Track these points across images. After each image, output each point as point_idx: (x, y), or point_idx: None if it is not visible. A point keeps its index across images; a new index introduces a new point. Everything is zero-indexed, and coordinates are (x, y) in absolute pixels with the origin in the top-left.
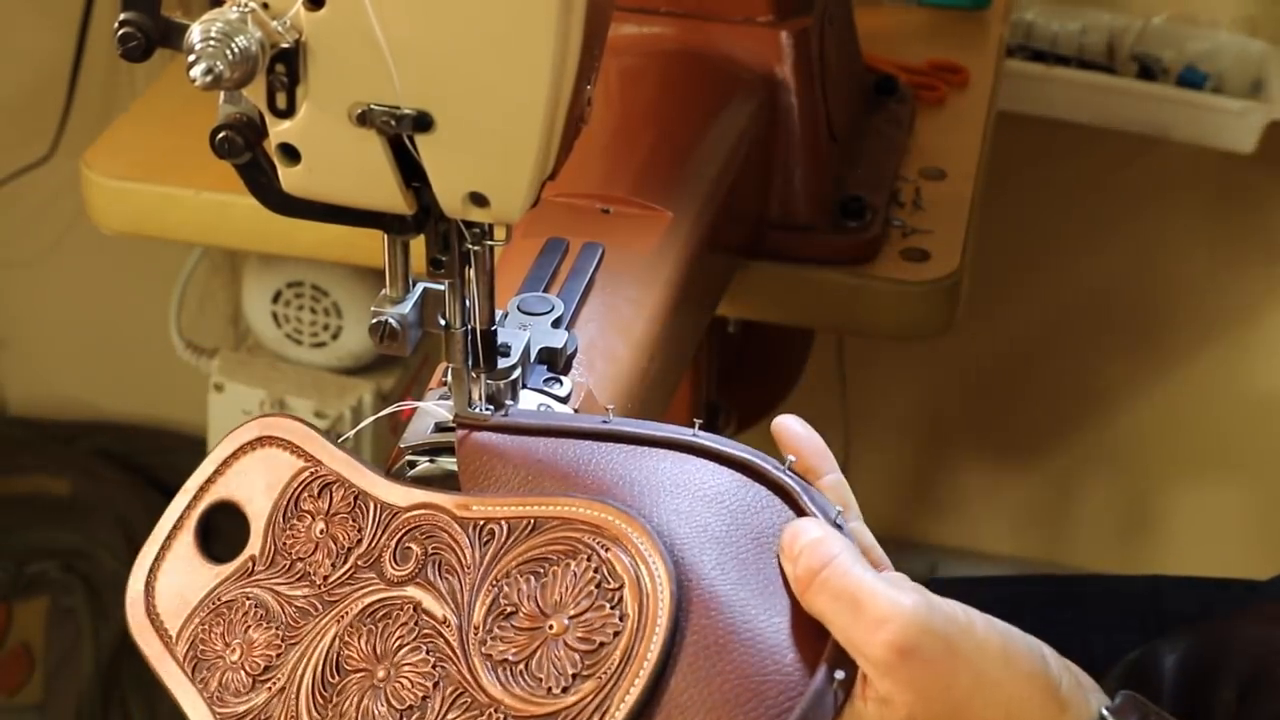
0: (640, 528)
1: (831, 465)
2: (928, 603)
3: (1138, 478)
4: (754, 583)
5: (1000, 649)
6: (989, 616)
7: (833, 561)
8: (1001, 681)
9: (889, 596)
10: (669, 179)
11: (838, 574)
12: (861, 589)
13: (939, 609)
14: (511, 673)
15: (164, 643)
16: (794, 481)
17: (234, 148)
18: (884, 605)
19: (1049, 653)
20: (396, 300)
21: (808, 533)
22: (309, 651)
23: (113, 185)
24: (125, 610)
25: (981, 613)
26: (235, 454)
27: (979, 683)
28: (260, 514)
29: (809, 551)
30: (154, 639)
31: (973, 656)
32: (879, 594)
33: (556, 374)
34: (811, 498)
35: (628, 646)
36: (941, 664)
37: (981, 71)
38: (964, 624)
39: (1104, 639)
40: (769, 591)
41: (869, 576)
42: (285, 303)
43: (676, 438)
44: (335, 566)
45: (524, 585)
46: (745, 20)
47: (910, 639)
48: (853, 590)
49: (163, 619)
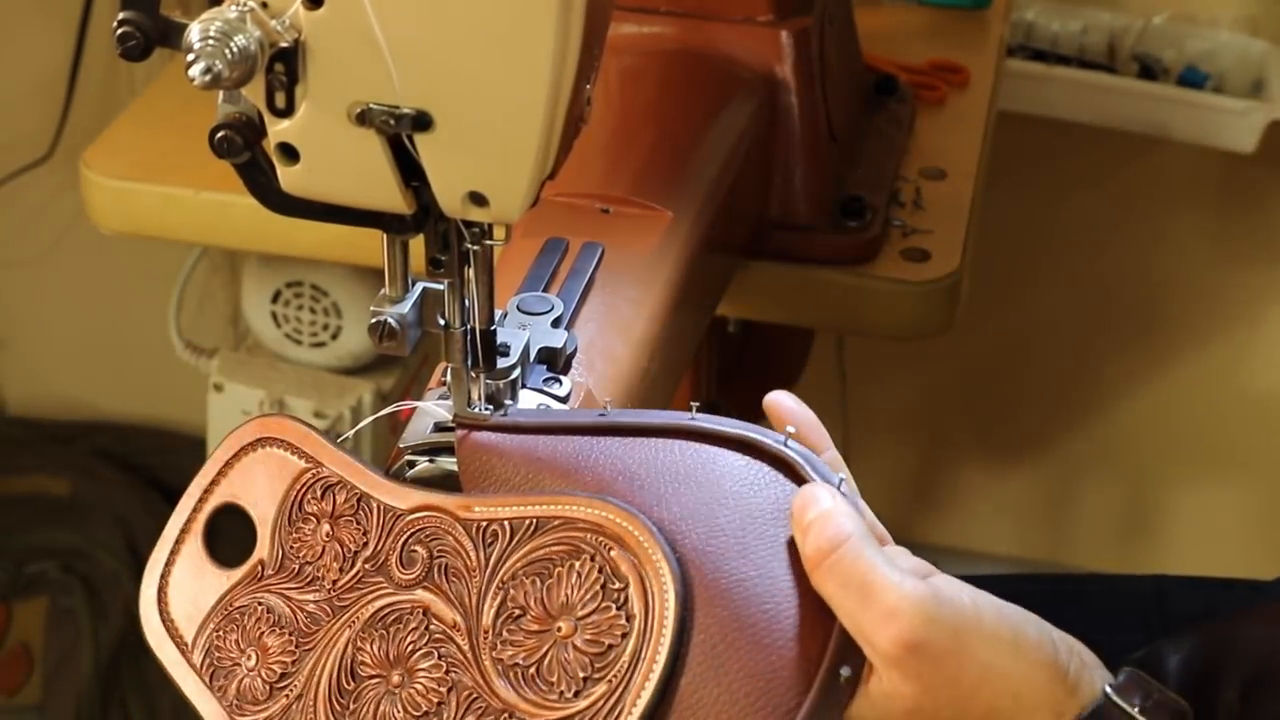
0: (641, 525)
1: (827, 442)
2: (935, 594)
3: (1138, 478)
4: (759, 566)
5: (1010, 639)
6: (999, 603)
7: (844, 544)
8: (1010, 671)
9: (898, 588)
10: (669, 179)
11: (849, 558)
12: (871, 577)
13: (947, 600)
14: (523, 677)
15: (181, 651)
16: (795, 453)
17: (233, 147)
18: (893, 597)
19: (1057, 636)
20: (396, 300)
21: (820, 502)
22: (324, 658)
23: (112, 185)
24: (136, 615)
25: (992, 598)
26: (236, 455)
27: (987, 673)
28: (265, 517)
29: (819, 526)
30: (171, 647)
31: (980, 647)
32: (889, 584)
33: (556, 374)
34: (814, 467)
35: (636, 648)
36: (949, 657)
37: (982, 71)
38: (972, 615)
39: (1107, 639)
40: (774, 574)
41: (879, 563)
42: (285, 303)
43: (675, 423)
44: (343, 571)
45: (530, 587)
46: (745, 20)
47: (918, 633)
48: (861, 577)
49: (178, 626)
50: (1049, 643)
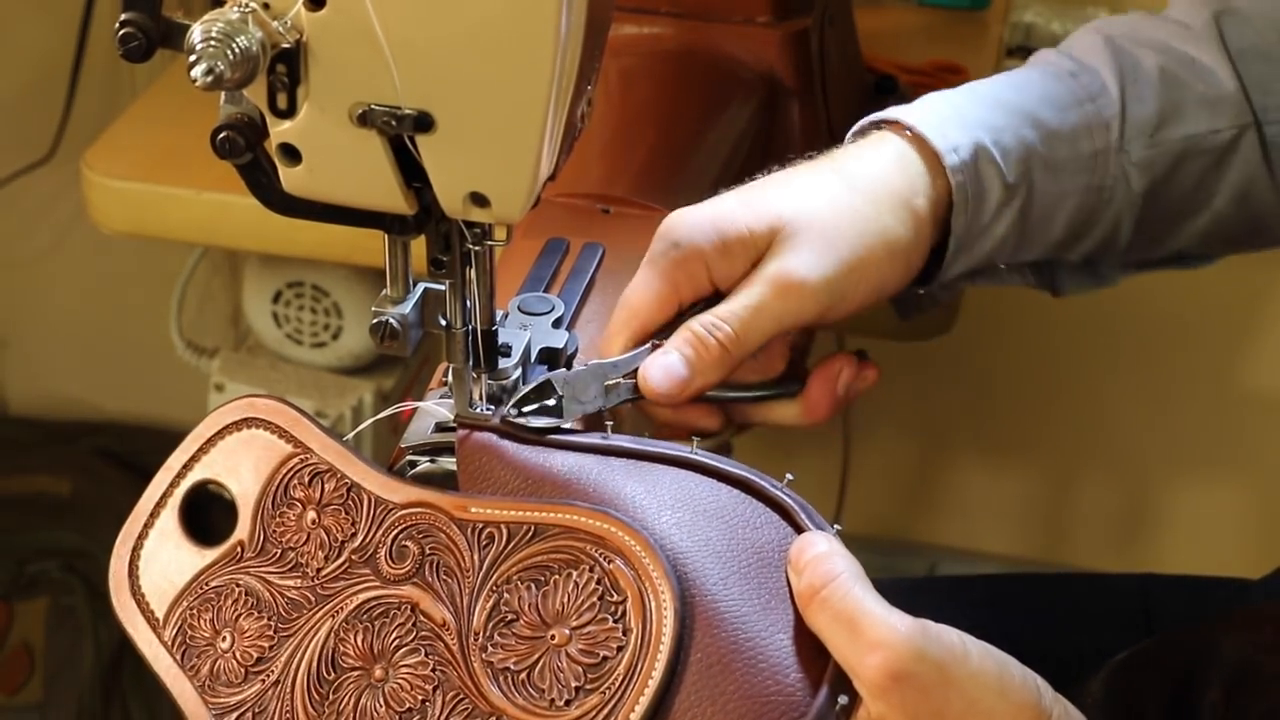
0: (643, 541)
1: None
2: (923, 629)
3: (1136, 478)
4: (756, 598)
5: (996, 679)
6: (987, 645)
7: (834, 581)
8: (994, 709)
9: (886, 621)
10: (669, 179)
11: (838, 594)
12: (859, 611)
13: (935, 637)
14: (513, 681)
15: (151, 626)
16: (792, 499)
17: (235, 148)
18: (880, 630)
19: (1043, 685)
20: (397, 300)
21: (815, 546)
22: (304, 645)
23: (113, 185)
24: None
25: (979, 642)
26: (220, 433)
27: (971, 710)
28: (247, 498)
29: (813, 566)
30: (141, 621)
31: (966, 684)
32: (876, 618)
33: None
34: (809, 515)
35: (631, 662)
36: (934, 690)
37: (981, 71)
38: (959, 652)
39: (1092, 638)
40: (771, 607)
41: (868, 599)
42: (285, 303)
43: (675, 454)
44: (329, 559)
45: (524, 593)
46: (745, 20)
47: (904, 665)
48: (851, 612)
49: (149, 601)
50: (1033, 686)
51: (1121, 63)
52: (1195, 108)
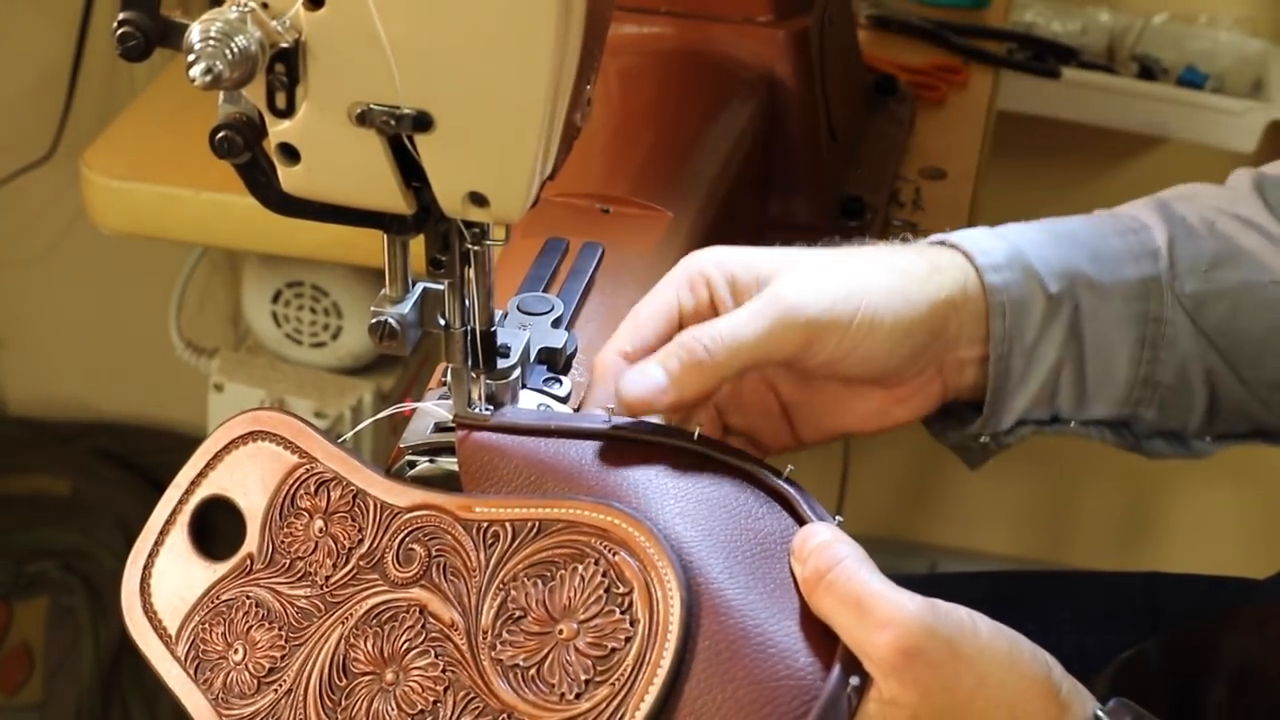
0: (647, 531)
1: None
2: (932, 606)
3: (1136, 478)
4: (761, 586)
5: (1006, 654)
6: (996, 622)
7: (839, 564)
8: (1005, 683)
9: (894, 600)
10: (669, 179)
11: (843, 577)
12: (866, 592)
13: (944, 614)
14: (523, 678)
15: (164, 642)
16: (793, 490)
17: (233, 147)
18: (888, 608)
19: (1052, 661)
20: (396, 300)
21: (818, 535)
22: (315, 653)
23: (113, 185)
24: (121, 609)
25: (988, 619)
26: (226, 448)
27: (983, 684)
28: (255, 511)
29: (817, 553)
30: (154, 638)
31: (976, 659)
32: (884, 597)
33: (556, 374)
34: (811, 505)
35: (640, 652)
36: (945, 666)
37: (981, 71)
38: (969, 628)
39: (1097, 637)
40: (777, 595)
41: (875, 580)
42: (285, 303)
43: (679, 442)
44: (337, 567)
45: (531, 589)
46: (745, 20)
47: (915, 641)
48: (858, 593)
49: (161, 617)
50: (1043, 661)
51: (1165, 212)
52: (1249, 257)
